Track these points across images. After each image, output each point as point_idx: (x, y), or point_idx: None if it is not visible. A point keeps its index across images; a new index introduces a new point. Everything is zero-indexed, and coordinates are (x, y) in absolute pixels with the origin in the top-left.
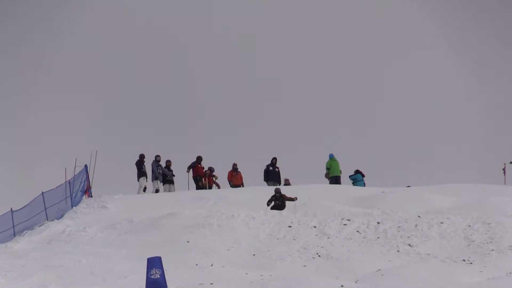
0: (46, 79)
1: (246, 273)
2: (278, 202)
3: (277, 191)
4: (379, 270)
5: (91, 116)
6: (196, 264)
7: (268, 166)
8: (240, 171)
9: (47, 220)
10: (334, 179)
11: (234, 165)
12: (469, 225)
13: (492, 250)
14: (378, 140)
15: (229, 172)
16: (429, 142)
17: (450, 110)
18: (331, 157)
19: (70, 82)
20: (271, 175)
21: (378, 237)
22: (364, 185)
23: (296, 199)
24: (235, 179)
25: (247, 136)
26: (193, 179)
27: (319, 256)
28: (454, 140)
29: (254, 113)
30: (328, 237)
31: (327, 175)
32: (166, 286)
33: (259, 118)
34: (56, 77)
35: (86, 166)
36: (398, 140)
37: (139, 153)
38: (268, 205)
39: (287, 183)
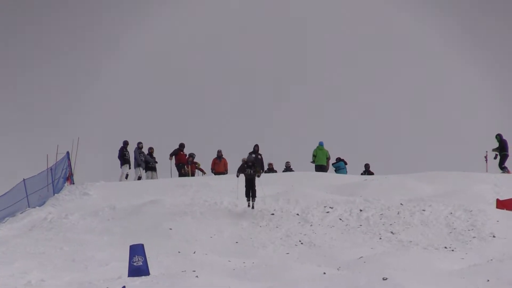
0: (25, 64)
1: (229, 261)
2: (250, 171)
3: (250, 159)
4: (361, 257)
5: (73, 103)
6: (179, 252)
7: (250, 153)
8: (225, 158)
9: (29, 207)
10: (319, 168)
11: (219, 152)
12: (451, 213)
13: (474, 237)
14: (362, 128)
15: (213, 160)
16: (412, 130)
17: (432, 97)
18: (320, 145)
19: (50, 68)
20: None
21: (361, 225)
22: (346, 173)
23: (260, 175)
24: (217, 166)
25: (233, 123)
26: (176, 166)
27: (301, 243)
28: (436, 127)
29: (239, 100)
30: (310, 225)
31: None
32: (149, 273)
33: (245, 105)
34: (36, 63)
35: (68, 153)
36: (381, 128)
37: (122, 140)
38: (237, 175)
39: (270, 167)
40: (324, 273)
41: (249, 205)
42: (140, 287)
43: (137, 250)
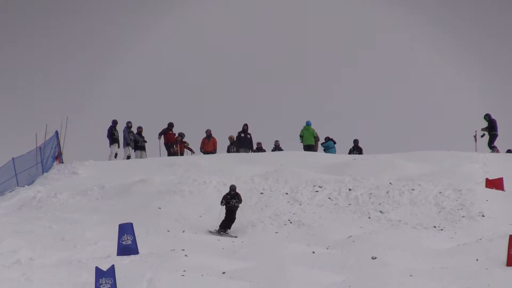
0: (12, 42)
1: (218, 240)
2: (234, 202)
3: (233, 188)
4: (350, 236)
5: (61, 82)
6: (168, 231)
7: (239, 133)
8: (215, 137)
9: (18, 186)
10: (307, 148)
11: (207, 132)
12: (440, 192)
13: (463, 216)
14: (352, 107)
15: (202, 139)
16: (401, 109)
17: (423, 77)
18: (307, 124)
19: (38, 47)
20: (243, 141)
21: (350, 204)
22: (335, 152)
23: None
24: (206, 145)
25: (223, 103)
26: (165, 145)
27: (290, 222)
28: (425, 107)
29: (230, 79)
30: (299, 204)
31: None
32: (138, 252)
33: (236, 84)
34: (23, 42)
35: (56, 132)
36: (370, 107)
37: (111, 119)
38: (222, 203)
39: (259, 146)
40: (313, 252)
41: (219, 232)
42: (129, 266)
43: (126, 229)
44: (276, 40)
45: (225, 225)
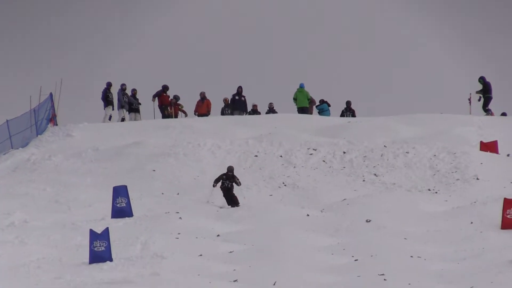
0: (9, 5)
1: (212, 202)
2: (228, 183)
3: (230, 169)
4: (345, 199)
5: (55, 44)
6: (162, 193)
7: (234, 95)
8: (209, 99)
9: (12, 148)
10: (301, 110)
11: (201, 94)
12: (435, 155)
13: (457, 179)
14: (346, 70)
15: (197, 102)
16: (396, 71)
17: (417, 41)
18: (301, 87)
19: (32, 9)
20: (237, 104)
21: (344, 167)
22: (330, 115)
23: (240, 184)
24: (200, 108)
25: (217, 65)
26: (159, 108)
27: (285, 185)
28: (420, 69)
29: (226, 42)
30: (294, 167)
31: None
32: (132, 214)
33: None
34: (18, 4)
35: (51, 94)
36: (366, 69)
37: (105, 81)
38: (214, 185)
39: (255, 108)
40: (308, 215)
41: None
42: (123, 228)
43: (120, 192)
44: (275, 4)
45: (232, 204)
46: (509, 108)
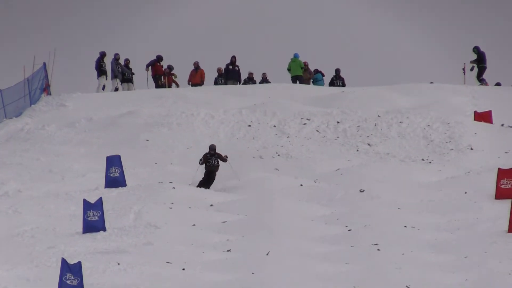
0: None
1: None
2: (214, 160)
3: (212, 148)
4: (338, 169)
5: (49, 13)
6: (156, 163)
7: (227, 65)
8: (202, 69)
9: (6, 117)
10: (295, 78)
11: (195, 64)
12: (428, 125)
13: (451, 149)
14: (340, 39)
15: (190, 72)
16: (390, 40)
17: (411, 10)
18: (295, 56)
19: None
20: (231, 74)
21: (338, 137)
22: (324, 84)
23: (227, 157)
24: (193, 78)
25: (211, 35)
26: (152, 78)
27: (278, 155)
28: (414, 39)
29: (219, 12)
30: (287, 137)
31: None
32: (125, 184)
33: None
34: None
35: (44, 64)
36: (359, 39)
37: (99, 51)
38: (200, 163)
39: (251, 77)
40: (301, 185)
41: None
42: (117, 198)
43: (114, 161)
44: None
45: (204, 185)
46: (503, 78)
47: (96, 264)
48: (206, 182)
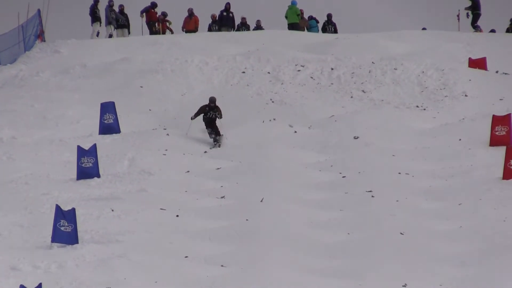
0: None
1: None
2: (212, 114)
3: (212, 100)
4: (333, 116)
5: None
6: (150, 110)
7: (221, 11)
8: (196, 16)
9: (0, 64)
10: (291, 26)
11: (189, 10)
12: (423, 72)
13: (446, 96)
14: None
15: (185, 18)
16: None
17: None
18: (292, 4)
19: None
20: (225, 20)
21: (332, 83)
22: (318, 31)
23: (221, 117)
24: (188, 24)
25: None
26: (147, 24)
27: (272, 102)
28: None
29: None
30: (282, 83)
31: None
32: (119, 131)
33: None
34: None
35: (39, 10)
36: None
37: None
38: (192, 118)
39: (244, 21)
40: (295, 131)
41: (214, 142)
42: (111, 144)
43: (108, 108)
44: None
45: (214, 138)
46: (498, 25)
47: (90, 211)
48: (212, 133)
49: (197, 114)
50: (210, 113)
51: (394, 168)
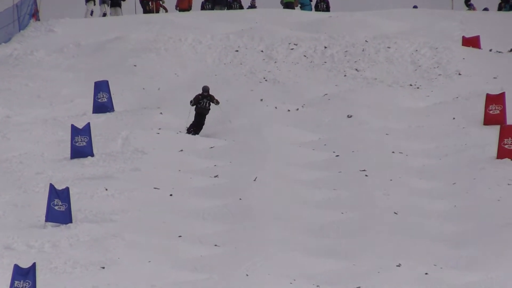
0: None
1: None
2: (205, 102)
3: (205, 89)
4: (326, 94)
5: None
6: (143, 88)
7: None
8: None
9: None
10: (286, 6)
11: None
12: (416, 50)
13: (439, 75)
14: None
15: None
16: None
17: None
18: None
19: None
20: None
21: (325, 62)
22: (311, 9)
23: (219, 103)
24: (181, 3)
25: None
26: (140, 3)
27: (266, 80)
28: None
29: None
30: (275, 62)
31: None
32: (113, 109)
33: None
34: None
35: None
36: None
37: None
38: (191, 104)
39: None
40: (289, 110)
41: (189, 132)
42: (104, 123)
43: (101, 87)
44: None
45: (193, 130)
46: (491, 3)
47: (84, 190)
48: (196, 125)
49: (193, 102)
50: (203, 101)
51: (387, 147)
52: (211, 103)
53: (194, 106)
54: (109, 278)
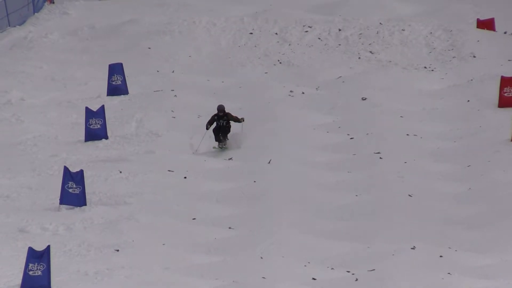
0: None
1: (208, 80)
2: (222, 122)
3: (220, 109)
4: (340, 77)
5: None
6: (157, 71)
7: None
8: None
9: (9, 26)
10: None
11: None
12: (431, 32)
13: (454, 57)
14: None
15: None
16: None
17: None
18: None
19: None
20: None
21: (339, 44)
22: None
23: (243, 120)
24: None
25: None
26: None
27: (280, 63)
28: None
29: None
30: (289, 44)
31: None
32: (127, 92)
33: None
34: None
35: None
36: None
37: None
38: (207, 128)
39: None
40: (303, 92)
41: (219, 145)
42: (118, 106)
43: (116, 69)
44: None
45: (219, 139)
46: None
47: (98, 172)
48: (218, 135)
49: (210, 123)
50: (219, 122)
51: (402, 130)
52: (229, 121)
53: (211, 127)
54: (123, 260)
